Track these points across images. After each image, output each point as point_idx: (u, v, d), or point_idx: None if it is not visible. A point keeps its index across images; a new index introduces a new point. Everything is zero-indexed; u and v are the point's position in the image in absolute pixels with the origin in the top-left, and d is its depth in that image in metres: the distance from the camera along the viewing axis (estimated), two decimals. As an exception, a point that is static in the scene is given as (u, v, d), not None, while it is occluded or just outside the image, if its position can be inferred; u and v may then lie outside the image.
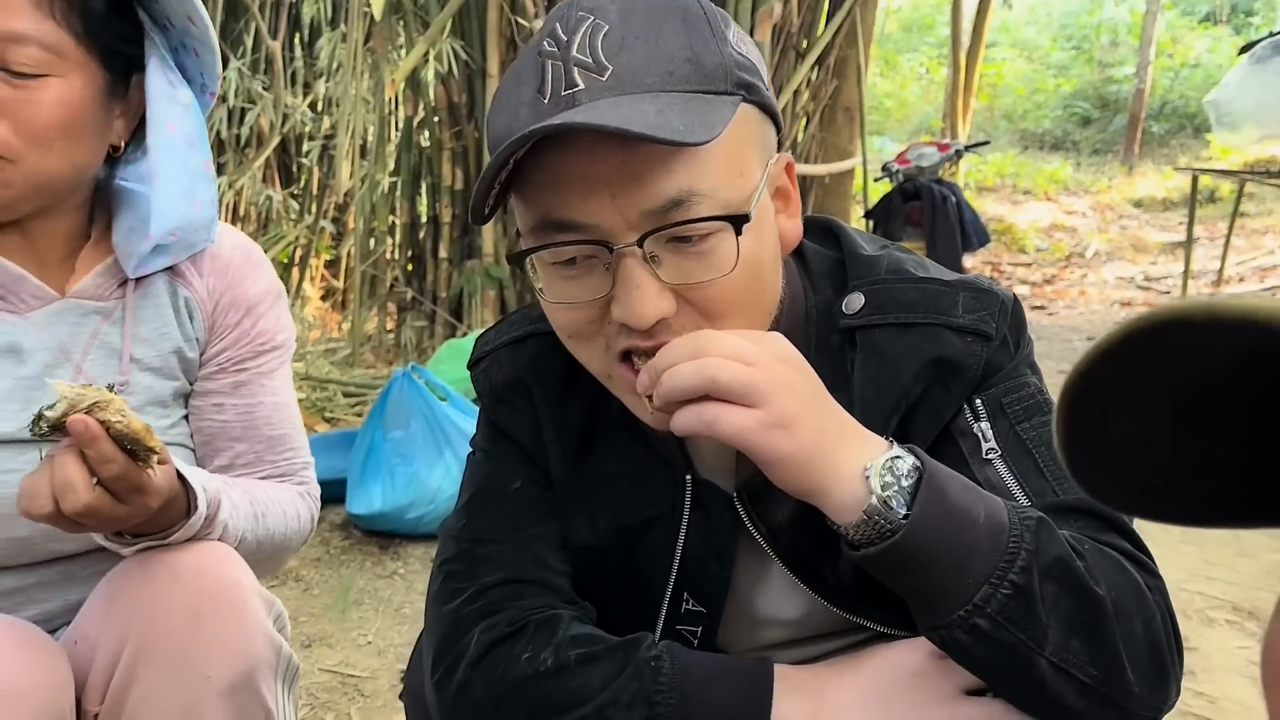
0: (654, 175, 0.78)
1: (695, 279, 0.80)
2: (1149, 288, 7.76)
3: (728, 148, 0.80)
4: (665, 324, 0.81)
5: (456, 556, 0.98)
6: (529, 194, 0.82)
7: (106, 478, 0.88)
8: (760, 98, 0.84)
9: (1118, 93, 13.07)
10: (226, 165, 5.48)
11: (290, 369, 1.26)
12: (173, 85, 1.10)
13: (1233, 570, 2.72)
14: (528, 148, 0.78)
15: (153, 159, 1.09)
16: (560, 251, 0.82)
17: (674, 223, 0.78)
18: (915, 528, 0.74)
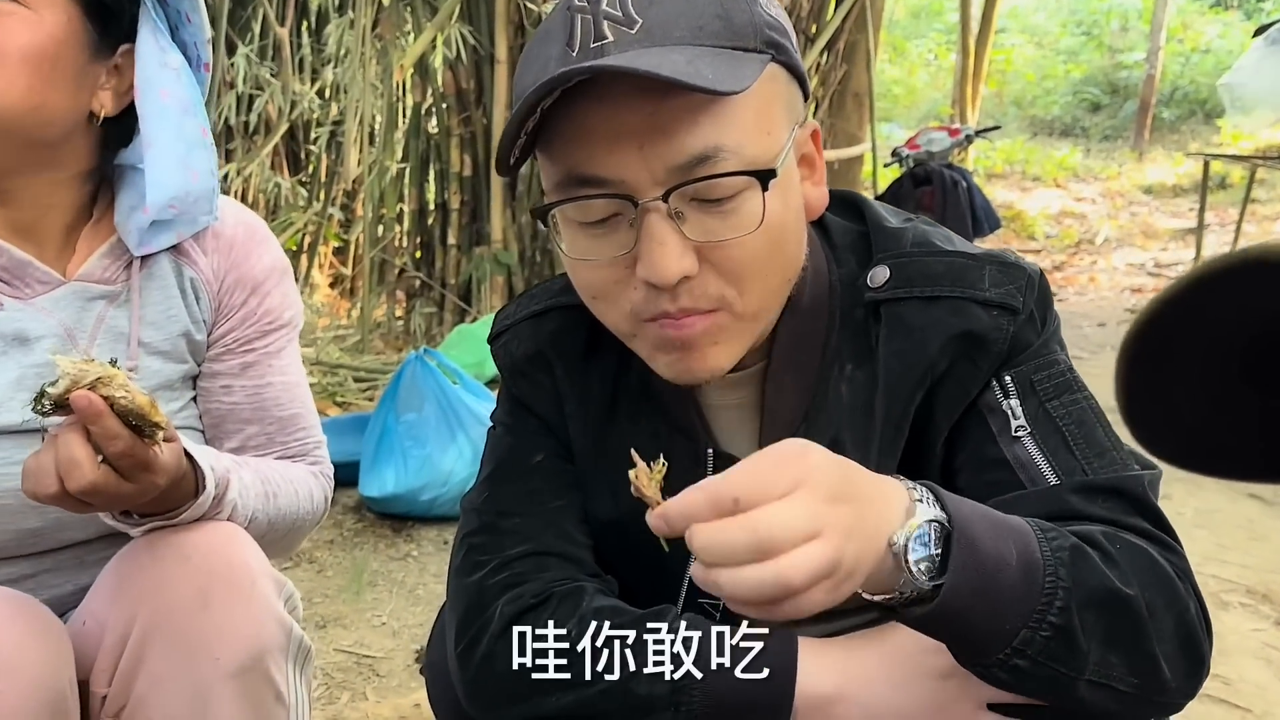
0: (682, 129, 0.77)
1: (719, 237, 0.80)
2: (1159, 274, 7.72)
3: (755, 105, 0.80)
4: (688, 286, 0.80)
5: (479, 530, 0.98)
6: (556, 148, 0.82)
7: (112, 454, 0.86)
8: (789, 59, 0.84)
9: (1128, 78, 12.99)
10: (235, 152, 5.47)
11: (298, 347, 1.24)
12: (163, 51, 1.07)
13: (1247, 554, 2.71)
14: (556, 97, 0.77)
15: (146, 127, 1.06)
16: (585, 207, 0.81)
17: (700, 177, 0.78)
18: (952, 592, 0.69)
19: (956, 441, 0.91)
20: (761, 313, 0.86)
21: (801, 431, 0.92)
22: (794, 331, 0.92)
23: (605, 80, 0.77)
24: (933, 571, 0.70)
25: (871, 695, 0.85)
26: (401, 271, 5.00)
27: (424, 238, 5.03)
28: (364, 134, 4.80)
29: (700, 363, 0.85)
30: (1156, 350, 0.41)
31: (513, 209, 4.51)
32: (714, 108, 0.78)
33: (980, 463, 0.89)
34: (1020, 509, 0.83)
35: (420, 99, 4.80)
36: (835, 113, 5.55)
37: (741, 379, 0.94)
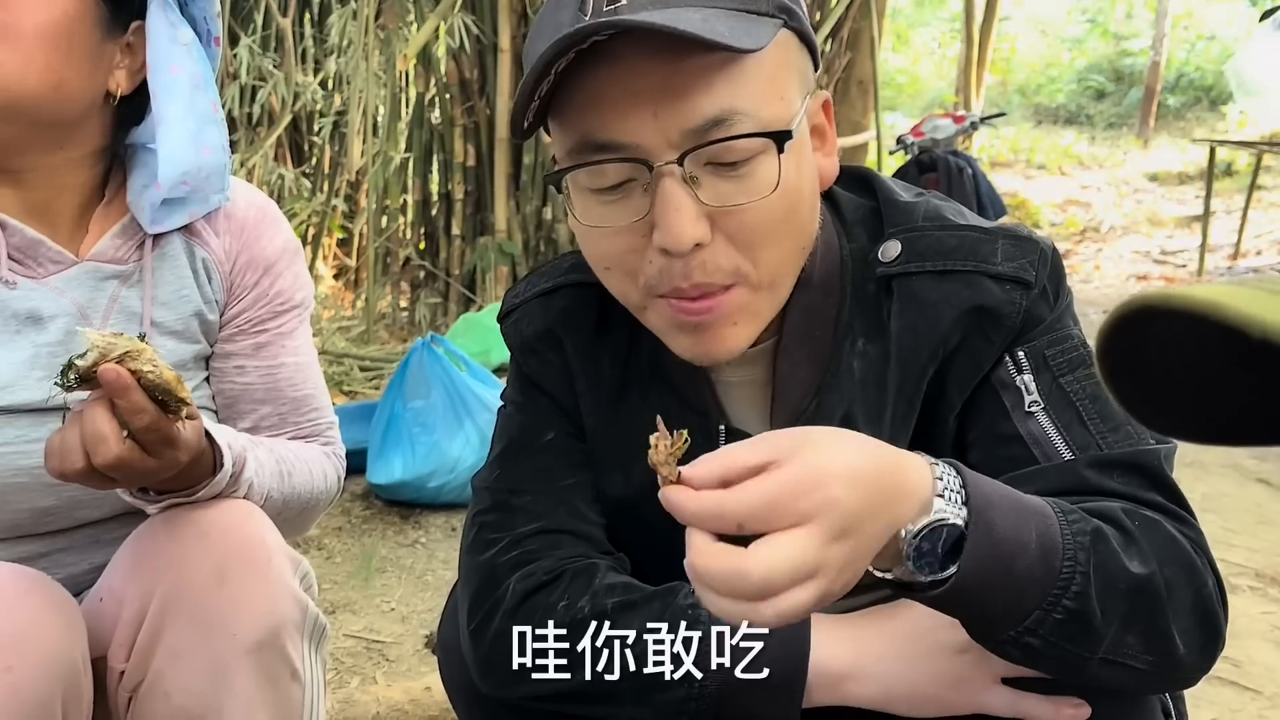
0: (696, 92, 0.77)
1: (734, 201, 0.79)
2: (1165, 261, 7.70)
3: (769, 69, 0.80)
4: (700, 259, 0.80)
5: (491, 508, 0.98)
6: (569, 114, 0.81)
7: (138, 428, 0.87)
8: (800, 25, 0.84)
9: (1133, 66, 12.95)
10: (238, 144, 5.46)
11: (309, 328, 1.25)
12: (173, 25, 1.07)
13: (1255, 538, 2.71)
14: (571, 58, 0.77)
15: (157, 104, 1.06)
16: (599, 172, 0.81)
17: (715, 140, 0.78)
18: (965, 576, 0.69)
19: (969, 417, 0.91)
20: (777, 282, 0.86)
21: (813, 407, 0.92)
22: (805, 306, 0.91)
23: (618, 44, 0.77)
24: (934, 568, 0.70)
25: (885, 670, 0.85)
26: (406, 262, 5.00)
27: (428, 228, 5.03)
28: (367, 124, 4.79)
29: (719, 344, 0.85)
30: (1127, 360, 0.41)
31: (516, 199, 4.51)
32: (729, 71, 0.77)
33: (994, 438, 0.89)
34: (1036, 484, 0.83)
35: (423, 89, 4.79)
36: (840, 101, 5.53)
37: (753, 355, 0.93)
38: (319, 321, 4.75)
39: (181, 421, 0.90)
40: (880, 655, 0.85)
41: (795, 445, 0.65)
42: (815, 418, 0.92)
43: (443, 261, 4.83)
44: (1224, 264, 7.32)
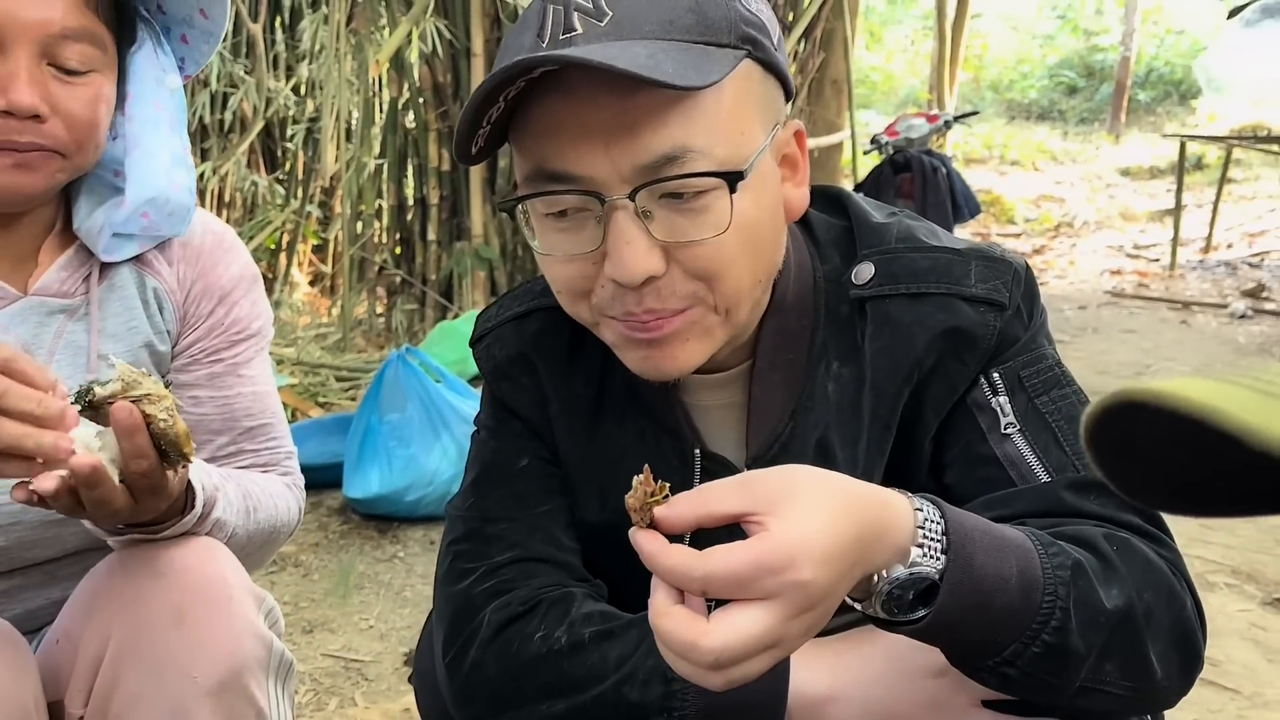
0: (649, 128, 0.76)
1: (687, 237, 0.79)
2: (1138, 256, 7.77)
3: (727, 104, 0.79)
4: (655, 287, 0.79)
5: (465, 536, 0.97)
6: (526, 141, 0.81)
7: (132, 472, 0.85)
8: (766, 56, 0.82)
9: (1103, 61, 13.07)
10: (210, 151, 5.42)
11: (268, 356, 1.23)
12: (164, 70, 1.09)
13: (1231, 534, 2.73)
14: (520, 88, 0.76)
15: (134, 130, 1.07)
16: (553, 201, 0.80)
17: (667, 177, 0.77)
18: (942, 613, 0.69)
19: (946, 439, 0.91)
20: (735, 309, 0.84)
21: (789, 431, 0.91)
22: (779, 329, 0.91)
23: (572, 75, 0.76)
24: (904, 612, 0.70)
25: (865, 694, 0.84)
26: (382, 268, 4.97)
27: (403, 234, 5.00)
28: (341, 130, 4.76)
29: (670, 360, 0.84)
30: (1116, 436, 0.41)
31: (493, 204, 4.49)
32: (682, 106, 0.76)
33: (970, 460, 0.89)
34: (1013, 506, 0.82)
35: (397, 94, 4.76)
36: (814, 100, 5.54)
37: (728, 379, 0.93)
38: (295, 330, 4.71)
39: (175, 472, 0.89)
40: (859, 679, 0.84)
41: (772, 501, 0.65)
42: (791, 441, 0.91)
43: (419, 267, 4.80)
44: (1196, 258, 7.39)
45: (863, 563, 0.67)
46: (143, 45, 1.07)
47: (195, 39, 1.13)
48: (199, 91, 5.14)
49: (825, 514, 0.64)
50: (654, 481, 0.67)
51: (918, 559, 0.69)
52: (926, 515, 0.70)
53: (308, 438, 3.02)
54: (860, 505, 0.67)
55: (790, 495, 0.65)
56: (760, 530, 0.64)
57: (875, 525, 0.67)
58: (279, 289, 5.38)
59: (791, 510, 0.64)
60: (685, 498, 0.66)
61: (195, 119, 5.17)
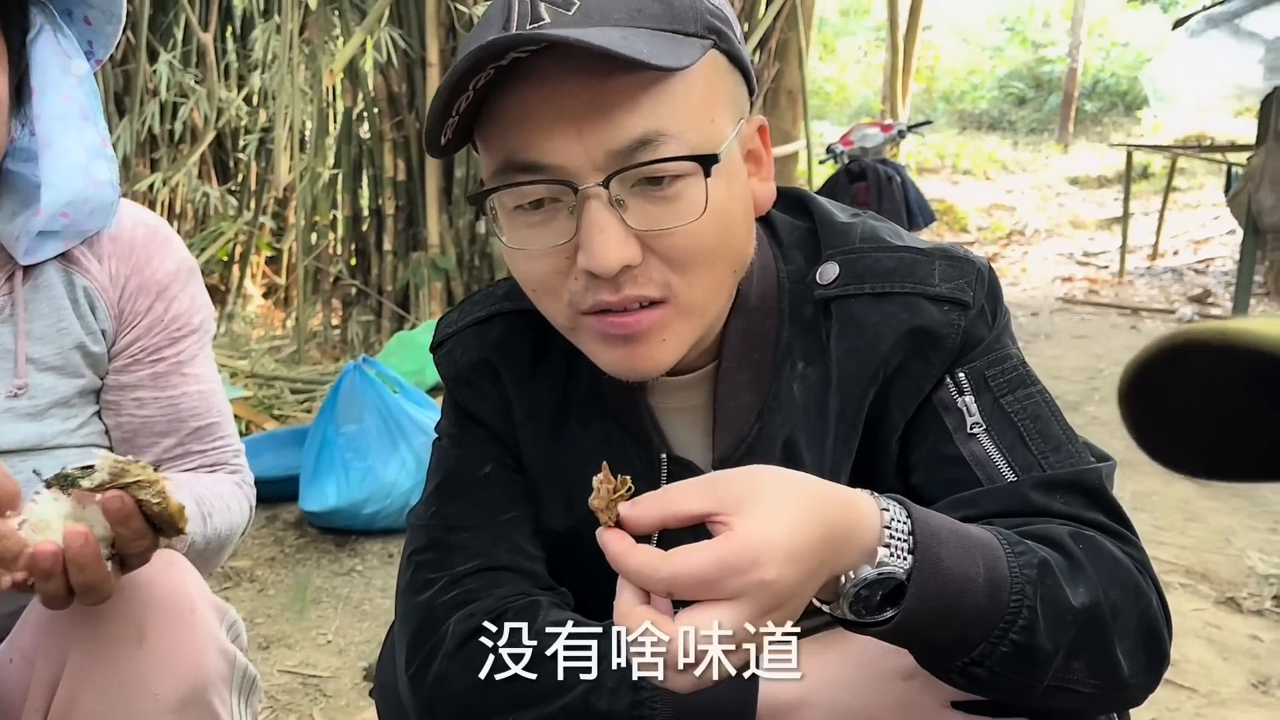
0: (622, 112, 0.75)
1: (662, 225, 0.78)
2: (1088, 263, 7.90)
3: (697, 91, 0.79)
4: (631, 274, 0.78)
5: (427, 546, 0.95)
6: (494, 134, 0.79)
7: (130, 553, 0.84)
8: (731, 47, 0.82)
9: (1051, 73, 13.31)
10: (160, 162, 5.33)
11: (211, 352, 1.18)
12: (68, 56, 1.03)
13: (1184, 535, 2.78)
14: (490, 75, 0.75)
15: (45, 129, 1.01)
16: (524, 193, 0.79)
17: (641, 162, 0.76)
18: (909, 614, 0.69)
19: (912, 439, 0.90)
20: (707, 305, 0.84)
21: (755, 432, 0.91)
22: (744, 330, 0.90)
23: (543, 63, 0.75)
24: (871, 613, 0.70)
25: (835, 698, 0.83)
26: (337, 279, 4.91)
27: (359, 244, 4.95)
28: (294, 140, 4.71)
29: (646, 359, 0.83)
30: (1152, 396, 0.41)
31: (449, 213, 4.46)
32: (655, 91, 0.76)
33: (937, 460, 0.88)
34: (980, 506, 0.82)
35: (351, 103, 4.72)
36: (769, 111, 5.57)
37: (693, 380, 0.92)
38: (249, 342, 4.65)
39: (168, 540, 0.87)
40: (828, 683, 0.84)
41: (738, 501, 0.64)
42: (757, 443, 0.91)
43: (375, 278, 4.75)
44: (1144, 264, 7.53)
45: (829, 563, 0.66)
46: (41, 32, 1.02)
47: (98, 20, 1.07)
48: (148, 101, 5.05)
49: (790, 514, 0.64)
50: (614, 478, 0.66)
51: (885, 559, 0.68)
52: (893, 515, 0.70)
53: (262, 451, 2.98)
54: (826, 505, 0.66)
55: (755, 495, 0.64)
56: (725, 530, 0.63)
57: (841, 525, 0.67)
58: (232, 301, 5.30)
59: (756, 510, 0.63)
60: (650, 498, 0.65)
61: (144, 129, 5.08)
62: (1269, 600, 2.43)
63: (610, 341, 0.83)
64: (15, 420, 1.03)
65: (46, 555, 0.79)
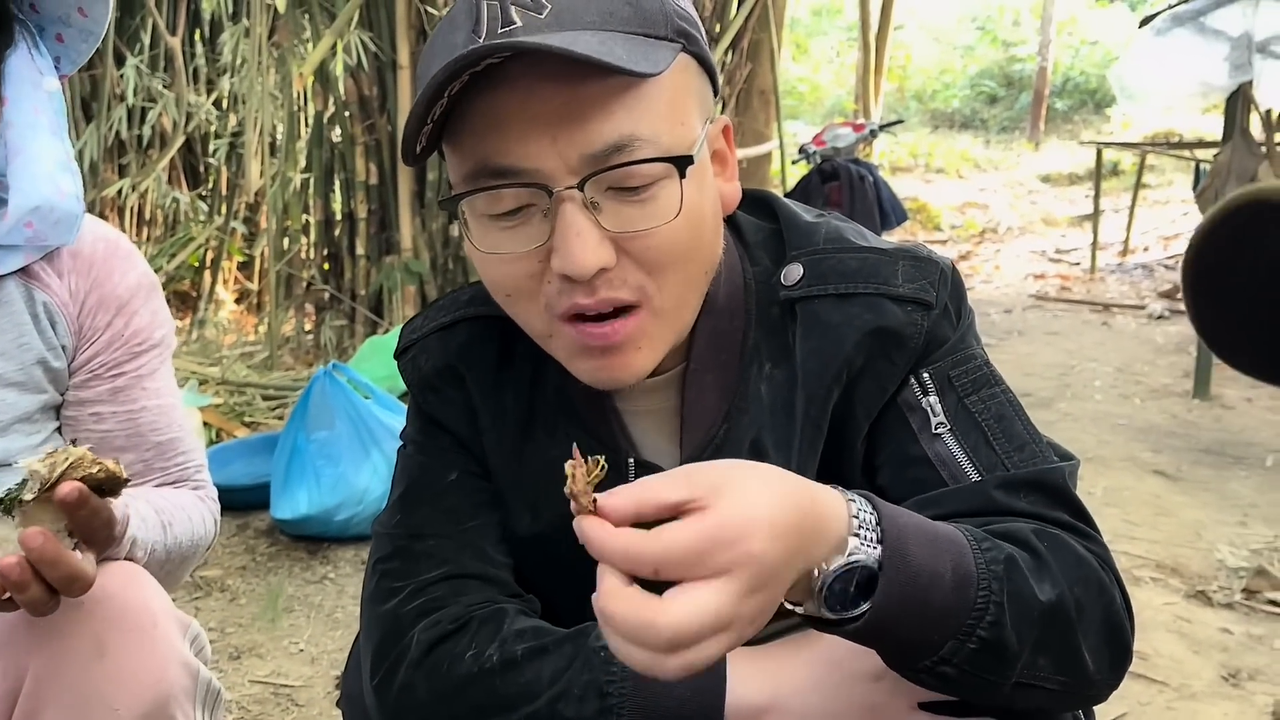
0: (596, 117, 0.76)
1: (636, 226, 0.78)
2: (1060, 260, 7.97)
3: (669, 94, 0.79)
4: (606, 277, 0.78)
5: (392, 554, 0.94)
6: (465, 140, 0.79)
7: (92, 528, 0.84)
8: (699, 50, 0.83)
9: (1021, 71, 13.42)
10: (129, 167, 5.28)
11: (171, 367, 1.18)
12: (41, 73, 1.03)
13: (1154, 529, 2.80)
14: (465, 81, 0.74)
15: (14, 136, 1.01)
16: (497, 198, 0.78)
17: (616, 165, 0.76)
18: (879, 611, 0.68)
19: (877, 439, 0.91)
20: (680, 308, 0.84)
21: (722, 433, 0.90)
22: (711, 331, 0.90)
23: (515, 68, 0.75)
24: (846, 606, 0.69)
25: (803, 702, 0.83)
26: (309, 284, 4.87)
27: (331, 249, 4.91)
28: (265, 145, 4.67)
29: (624, 369, 0.83)
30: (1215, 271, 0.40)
31: (422, 216, 4.43)
32: (628, 96, 0.76)
33: (902, 461, 0.88)
34: (945, 506, 0.82)
35: (322, 107, 4.68)
36: (742, 111, 5.58)
37: (660, 383, 0.92)
38: (220, 348, 4.60)
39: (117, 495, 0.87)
40: (797, 687, 0.84)
41: (714, 486, 0.63)
42: (725, 444, 0.90)
43: (347, 283, 4.72)
44: (1114, 261, 7.60)
45: (804, 550, 0.66)
46: (18, 46, 1.02)
47: (72, 38, 1.07)
48: (115, 106, 5.00)
49: (767, 493, 0.64)
50: (585, 459, 0.65)
51: (855, 548, 0.68)
52: (860, 507, 0.70)
53: (233, 458, 2.95)
54: (798, 489, 0.66)
55: (730, 482, 0.64)
56: (706, 512, 0.62)
57: (812, 514, 0.66)
58: (204, 307, 5.26)
59: (734, 491, 0.63)
60: (627, 487, 0.64)
61: (112, 134, 5.03)
62: (1239, 593, 2.46)
63: (587, 352, 0.82)
64: None
65: (12, 567, 0.79)
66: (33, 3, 1.05)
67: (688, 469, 0.66)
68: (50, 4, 1.05)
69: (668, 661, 0.61)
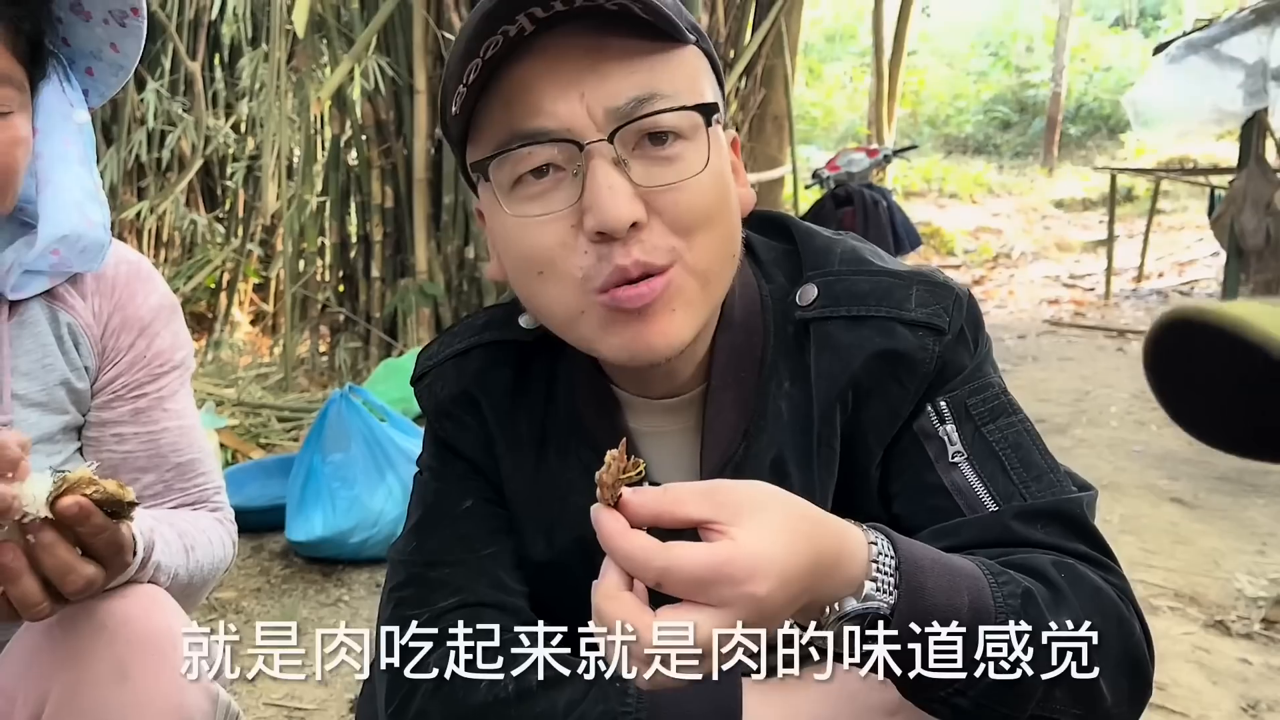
0: (621, 74, 0.78)
1: (665, 180, 0.79)
2: (1074, 285, 7.95)
3: (688, 69, 0.82)
4: (638, 238, 0.78)
5: (407, 582, 0.94)
6: (495, 111, 0.80)
7: (97, 545, 0.84)
8: (709, 50, 0.86)
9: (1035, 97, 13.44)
10: (148, 190, 5.34)
11: (191, 389, 1.19)
12: (71, 105, 1.06)
13: (1172, 558, 2.77)
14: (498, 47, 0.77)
15: (44, 168, 1.03)
16: (528, 159, 0.79)
17: (644, 114, 0.78)
18: None
19: (893, 467, 0.90)
20: (710, 275, 0.83)
21: (741, 451, 0.90)
22: (730, 347, 0.90)
23: (543, 39, 0.77)
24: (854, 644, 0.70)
25: (819, 733, 0.83)
26: (324, 306, 4.90)
27: (347, 271, 4.95)
28: (282, 168, 4.72)
29: (659, 336, 0.81)
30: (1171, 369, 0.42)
31: (437, 239, 4.46)
32: (651, 59, 0.79)
33: (918, 489, 0.88)
34: (962, 536, 0.82)
35: (339, 131, 4.73)
36: (755, 136, 5.61)
37: (679, 404, 0.92)
38: (236, 370, 4.63)
39: (129, 519, 0.87)
40: (813, 719, 0.83)
41: (737, 512, 0.64)
42: (744, 462, 0.90)
43: (362, 305, 4.75)
44: (1129, 286, 7.58)
45: (812, 590, 0.66)
46: (50, 79, 1.04)
47: (103, 71, 1.10)
48: (135, 129, 5.06)
49: (787, 534, 0.64)
50: (627, 458, 0.66)
51: (871, 592, 0.68)
52: (880, 549, 0.70)
53: (249, 480, 2.96)
54: (819, 531, 0.67)
55: (755, 509, 0.65)
56: (722, 538, 0.63)
57: (831, 554, 0.67)
58: (219, 328, 5.29)
59: (755, 524, 0.63)
60: (652, 491, 0.65)
61: (132, 157, 5.09)
62: (1258, 623, 2.43)
63: (620, 322, 0.81)
64: None
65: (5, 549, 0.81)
66: (65, 37, 1.07)
67: (715, 486, 0.67)
68: (82, 39, 1.07)
69: (642, 672, 0.62)
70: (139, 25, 1.06)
